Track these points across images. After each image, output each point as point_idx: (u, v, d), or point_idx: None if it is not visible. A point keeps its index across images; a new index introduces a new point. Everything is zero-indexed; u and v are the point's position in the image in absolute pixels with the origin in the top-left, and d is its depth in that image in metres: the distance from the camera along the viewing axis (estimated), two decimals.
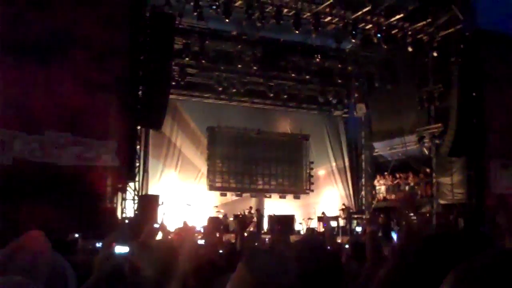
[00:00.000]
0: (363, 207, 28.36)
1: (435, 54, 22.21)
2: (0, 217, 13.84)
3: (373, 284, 3.07)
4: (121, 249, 6.17)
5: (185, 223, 18.83)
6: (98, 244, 9.17)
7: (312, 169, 28.45)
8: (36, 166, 16.40)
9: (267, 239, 20.73)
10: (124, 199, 19.19)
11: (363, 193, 29.09)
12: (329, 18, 21.43)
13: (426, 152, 25.13)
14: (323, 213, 25.27)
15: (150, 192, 22.16)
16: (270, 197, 27.28)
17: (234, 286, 1.96)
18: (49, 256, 2.23)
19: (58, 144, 17.04)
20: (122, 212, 19.01)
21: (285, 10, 20.47)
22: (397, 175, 26.65)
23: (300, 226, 25.46)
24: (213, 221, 22.27)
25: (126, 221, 18.65)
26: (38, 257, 2.16)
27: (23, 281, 1.28)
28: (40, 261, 2.14)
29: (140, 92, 19.20)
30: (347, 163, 29.61)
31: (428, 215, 24.09)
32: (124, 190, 19.04)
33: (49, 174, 16.22)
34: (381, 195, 27.81)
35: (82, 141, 17.50)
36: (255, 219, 24.59)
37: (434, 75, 23.56)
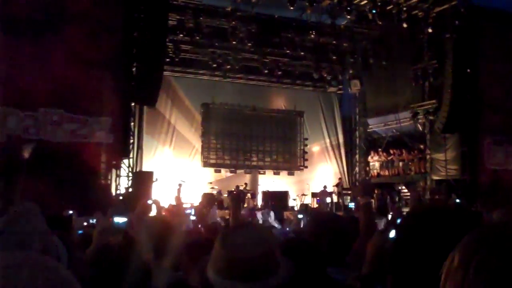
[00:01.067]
0: (357, 183, 28.43)
1: (430, 30, 22.12)
2: None
3: (365, 257, 3.11)
4: (119, 219, 6.22)
5: (178, 199, 18.98)
6: (92, 221, 9.20)
7: (306, 145, 28.48)
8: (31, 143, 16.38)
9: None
10: (118, 175, 19.21)
11: (357, 169, 29.18)
12: None
13: (420, 128, 25.22)
14: (324, 186, 25.28)
15: (145, 168, 22.16)
16: (264, 173, 27.34)
17: (211, 262, 1.98)
18: (44, 228, 2.25)
19: (52, 121, 17.02)
20: (116, 189, 19.05)
21: None
22: (391, 151, 26.73)
23: (294, 202, 25.54)
24: (207, 197, 22.49)
25: (121, 197, 18.71)
26: (33, 229, 2.19)
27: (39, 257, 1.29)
28: (35, 232, 2.16)
29: (134, 69, 19.13)
30: (341, 140, 29.65)
31: (421, 190, 24.25)
32: (118, 167, 19.06)
33: (44, 151, 16.20)
34: (375, 171, 27.93)
35: (76, 118, 17.48)
36: (249, 195, 24.65)
37: (429, 51, 23.55)
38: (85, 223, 9.17)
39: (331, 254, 3.17)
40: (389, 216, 14.78)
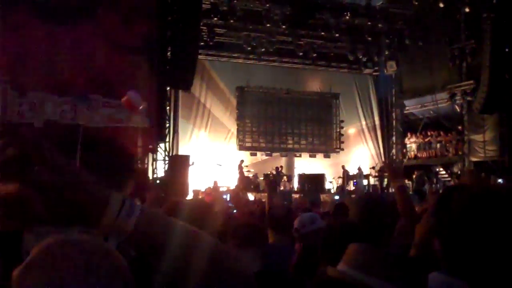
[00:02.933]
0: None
1: (467, 9, 21.80)
2: None
3: (409, 239, 3.07)
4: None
5: (215, 183, 19.05)
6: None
7: (342, 127, 28.37)
8: (68, 128, 16.54)
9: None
10: (155, 159, 19.34)
11: (393, 151, 28.94)
12: None
13: (458, 109, 24.91)
14: (359, 168, 25.21)
15: (181, 152, 22.25)
16: (300, 156, 27.30)
17: None
18: None
19: (89, 106, 17.17)
20: (153, 173, 19.19)
21: None
22: (428, 133, 26.47)
23: (330, 185, 25.48)
24: (244, 180, 22.55)
25: (157, 181, 18.83)
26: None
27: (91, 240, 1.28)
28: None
29: (168, 53, 19.18)
30: (377, 122, 29.42)
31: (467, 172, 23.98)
32: (154, 151, 19.18)
33: (81, 135, 16.34)
34: (412, 153, 27.67)
35: (112, 103, 17.58)
36: (285, 178, 24.67)
37: (466, 31, 23.18)
38: None
39: (374, 236, 3.14)
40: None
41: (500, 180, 19.73)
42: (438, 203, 1.70)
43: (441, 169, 25.89)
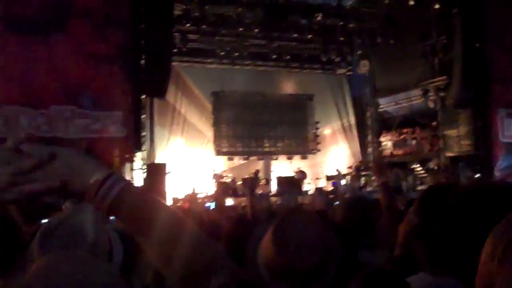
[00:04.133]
0: (370, 164, 28.37)
1: (437, 6, 21.98)
2: None
3: (391, 237, 3.10)
4: None
5: (193, 190, 19.02)
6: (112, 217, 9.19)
7: (318, 128, 28.48)
8: (45, 141, 16.41)
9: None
10: (132, 169, 19.25)
11: (370, 149, 29.08)
12: None
13: (432, 105, 25.08)
14: (337, 170, 25.35)
15: (158, 160, 22.17)
16: (277, 159, 27.37)
17: (264, 260, 1.90)
18: (96, 219, 2.23)
19: (64, 117, 17.08)
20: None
21: None
22: (404, 130, 26.65)
23: (308, 186, 25.55)
24: (222, 186, 22.54)
25: None
26: (84, 225, 2.17)
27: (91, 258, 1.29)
28: (86, 229, 2.15)
29: (142, 61, 19.13)
30: (352, 121, 29.56)
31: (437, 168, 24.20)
32: (132, 160, 19.09)
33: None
34: (388, 150, 27.82)
35: (87, 113, 17.54)
36: (263, 181, 24.73)
37: (437, 27, 23.37)
38: None
39: (359, 236, 3.17)
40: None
41: (478, 175, 19.94)
42: (422, 204, 1.71)
43: (418, 165, 26.07)
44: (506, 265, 0.95)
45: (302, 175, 25.29)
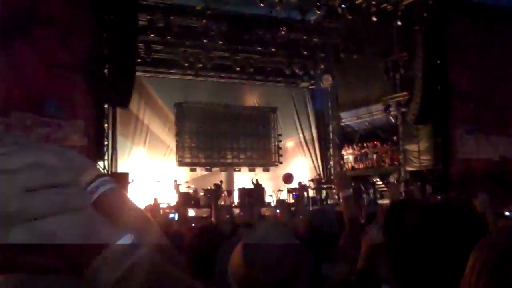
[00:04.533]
0: (332, 177, 28.57)
1: (399, 23, 22.30)
2: None
3: (353, 250, 3.16)
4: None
5: (155, 200, 18.95)
6: None
7: (280, 141, 28.60)
8: None
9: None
10: None
11: (331, 163, 29.30)
12: None
13: (393, 120, 25.40)
14: (299, 183, 25.47)
15: (120, 170, 22.07)
16: (239, 170, 27.41)
17: (233, 274, 1.90)
18: None
19: (25, 125, 16.86)
20: None
21: None
22: (365, 144, 26.91)
23: (270, 198, 25.60)
24: (184, 196, 22.51)
25: None
26: None
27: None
28: None
29: (106, 71, 19.02)
30: (314, 134, 29.78)
31: (396, 182, 24.47)
32: None
33: None
34: (349, 164, 28.05)
35: (49, 122, 17.35)
36: (225, 193, 24.74)
37: (399, 44, 23.70)
38: None
39: (322, 249, 3.23)
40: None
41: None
42: (387, 219, 1.77)
43: (378, 179, 26.34)
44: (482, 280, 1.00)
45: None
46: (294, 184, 25.78)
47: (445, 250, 1.49)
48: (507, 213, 9.25)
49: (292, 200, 24.57)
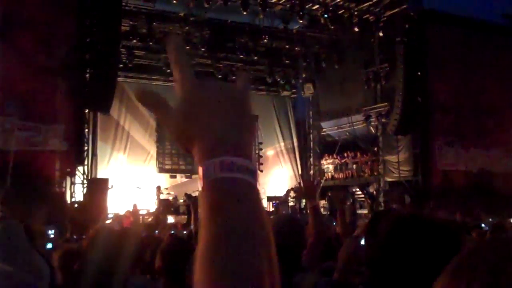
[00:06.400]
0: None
1: (380, 34, 22.47)
2: None
3: (318, 260, 3.17)
4: None
5: (135, 206, 18.89)
6: (50, 231, 9.08)
7: (261, 149, 28.55)
8: None
9: None
10: (73, 183, 19.00)
11: (311, 172, 29.34)
12: None
13: (373, 131, 25.54)
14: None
15: (99, 175, 21.95)
16: None
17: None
18: (27, 246, 2.26)
19: (4, 128, 16.75)
20: (71, 197, 18.84)
21: None
22: (345, 154, 26.99)
23: None
24: (164, 203, 22.43)
25: (76, 205, 18.51)
26: (16, 247, 2.20)
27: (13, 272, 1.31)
28: (18, 251, 2.17)
29: (87, 75, 18.95)
30: (295, 143, 29.82)
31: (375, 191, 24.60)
32: (73, 174, 18.85)
33: None
34: (329, 174, 28.12)
35: (29, 126, 17.24)
36: None
37: (380, 55, 23.88)
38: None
39: (292, 258, 3.23)
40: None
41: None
42: (367, 229, 1.79)
43: (357, 189, 26.44)
44: None
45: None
46: (275, 192, 25.78)
47: (415, 260, 1.51)
48: (483, 225, 9.35)
49: (272, 209, 24.59)
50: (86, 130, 19.99)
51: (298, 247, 3.41)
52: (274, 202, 25.19)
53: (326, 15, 21.78)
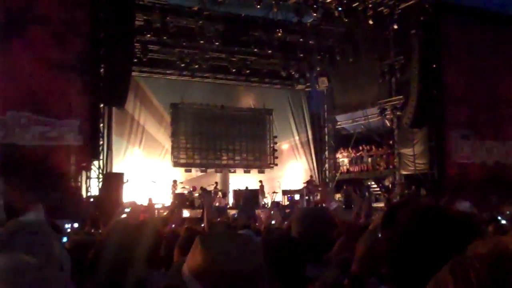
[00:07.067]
0: (327, 180, 28.59)
1: (395, 26, 22.34)
2: None
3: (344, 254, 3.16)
4: None
5: (150, 200, 18.93)
6: (67, 225, 9.13)
7: (275, 143, 28.58)
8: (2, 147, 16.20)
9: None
10: (88, 177, 19.07)
11: (326, 165, 29.31)
12: None
13: (388, 124, 25.42)
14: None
15: (115, 170, 21.98)
16: (234, 172, 27.35)
17: (192, 266, 1.83)
18: (48, 237, 2.26)
19: (20, 124, 16.84)
20: (87, 191, 18.91)
21: None
22: (360, 147, 26.92)
23: (265, 200, 25.59)
24: (179, 197, 22.46)
25: (91, 199, 18.57)
26: (37, 236, 2.20)
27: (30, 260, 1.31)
28: (39, 240, 2.18)
29: (102, 70, 19.01)
30: (310, 137, 29.76)
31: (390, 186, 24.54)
32: (88, 169, 18.91)
33: (12, 155, 16.04)
34: (344, 167, 28.08)
35: (44, 121, 17.32)
36: (220, 194, 24.72)
37: (395, 47, 23.73)
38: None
39: (312, 250, 3.21)
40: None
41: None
42: (383, 221, 1.77)
43: (373, 182, 26.38)
44: None
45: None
46: (290, 186, 25.76)
47: (434, 251, 1.50)
48: (500, 218, 9.26)
49: (287, 202, 24.60)
50: (101, 124, 20.04)
51: (320, 239, 3.40)
52: (289, 195, 25.17)
53: (340, 8, 21.69)
